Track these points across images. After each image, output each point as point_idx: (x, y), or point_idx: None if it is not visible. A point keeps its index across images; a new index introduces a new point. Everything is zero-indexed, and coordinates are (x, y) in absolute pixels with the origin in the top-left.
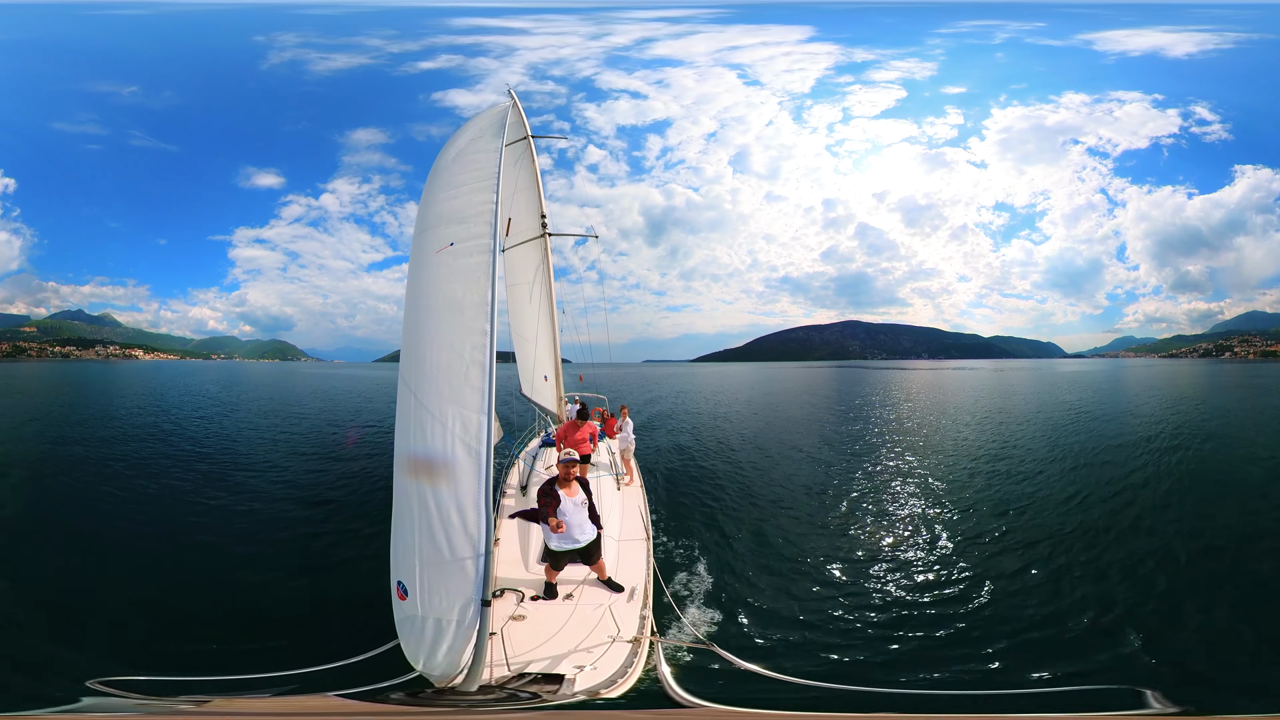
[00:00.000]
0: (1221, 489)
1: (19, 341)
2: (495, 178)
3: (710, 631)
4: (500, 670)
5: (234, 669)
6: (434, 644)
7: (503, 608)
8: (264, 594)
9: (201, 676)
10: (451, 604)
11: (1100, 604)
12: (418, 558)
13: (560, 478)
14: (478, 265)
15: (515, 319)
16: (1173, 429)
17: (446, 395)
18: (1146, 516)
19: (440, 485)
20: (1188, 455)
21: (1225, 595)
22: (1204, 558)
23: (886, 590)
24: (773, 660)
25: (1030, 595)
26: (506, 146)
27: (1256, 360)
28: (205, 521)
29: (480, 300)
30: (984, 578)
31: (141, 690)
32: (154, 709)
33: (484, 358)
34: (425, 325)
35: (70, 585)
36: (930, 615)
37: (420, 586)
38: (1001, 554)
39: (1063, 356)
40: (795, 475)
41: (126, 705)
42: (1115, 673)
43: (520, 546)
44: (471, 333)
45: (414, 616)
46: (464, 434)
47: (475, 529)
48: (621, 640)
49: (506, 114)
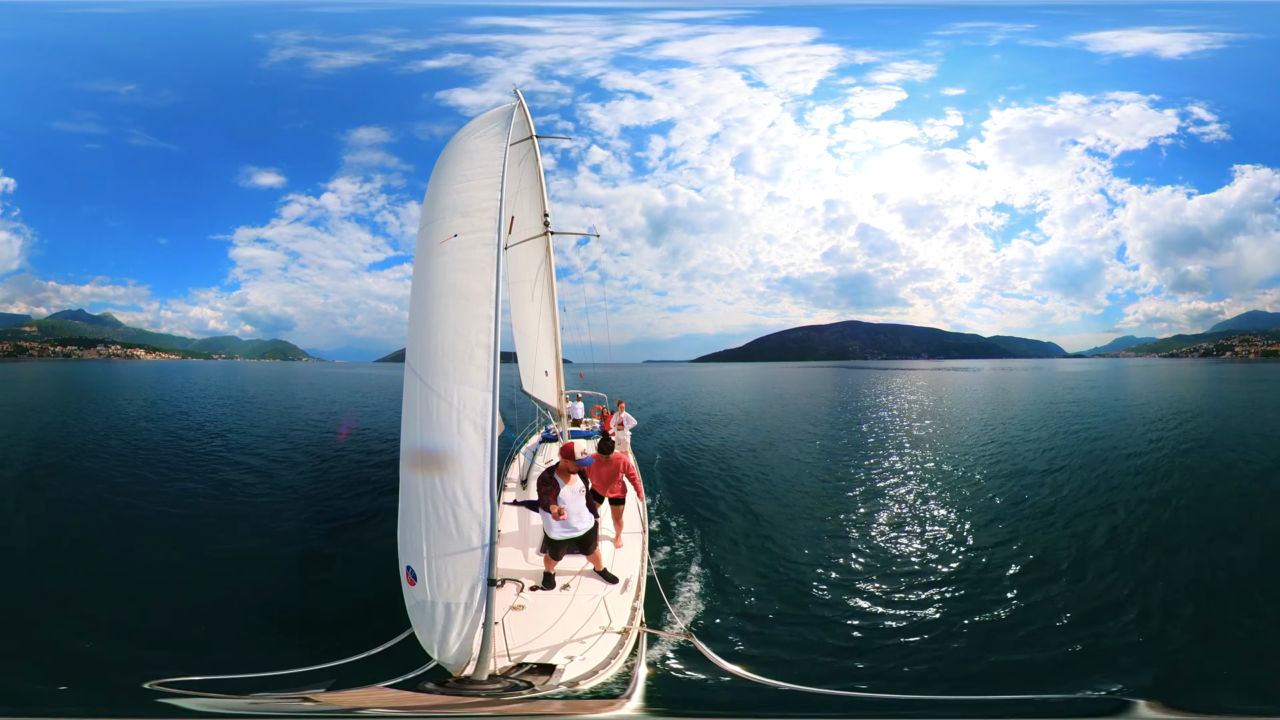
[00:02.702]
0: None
1: (20, 341)
2: (500, 175)
3: (698, 625)
4: (502, 660)
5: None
6: (445, 630)
7: (503, 597)
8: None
9: (250, 674)
10: (460, 586)
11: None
12: (425, 541)
13: (560, 466)
14: (482, 257)
15: (517, 316)
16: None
17: (453, 376)
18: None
19: (447, 469)
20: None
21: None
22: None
23: (879, 595)
24: (758, 659)
25: (1043, 611)
26: (511, 146)
27: (1257, 360)
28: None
29: (485, 288)
30: (977, 586)
31: (198, 689)
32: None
33: (489, 340)
34: (432, 311)
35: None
36: (923, 621)
37: (429, 570)
38: (996, 559)
39: (1063, 356)
40: (795, 477)
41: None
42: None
43: (520, 537)
44: (477, 318)
45: (424, 602)
46: (470, 412)
47: (481, 508)
48: (612, 631)
49: (513, 113)
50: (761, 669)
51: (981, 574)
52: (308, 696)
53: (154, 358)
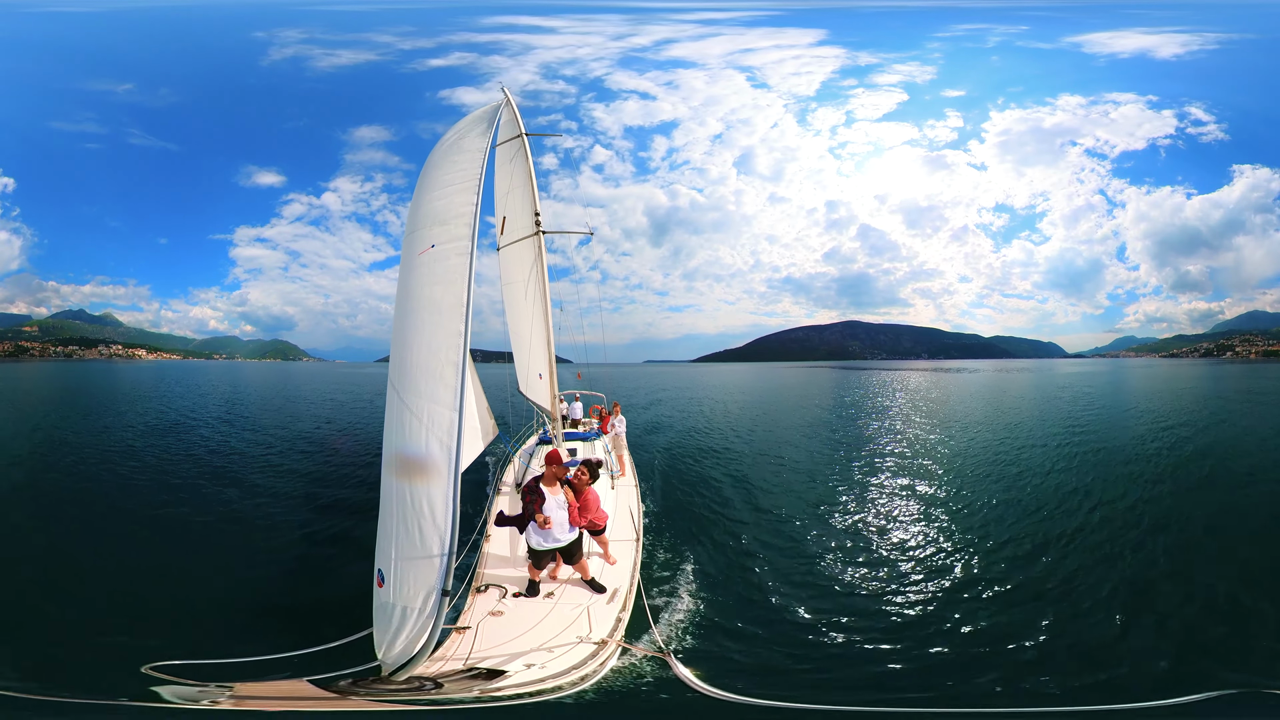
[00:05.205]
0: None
1: (21, 341)
2: (478, 179)
3: (681, 642)
4: (456, 664)
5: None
6: (397, 632)
7: (484, 603)
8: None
9: (243, 659)
10: (417, 592)
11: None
12: (395, 547)
13: (545, 475)
14: (456, 268)
15: (512, 317)
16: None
17: (424, 393)
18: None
19: (418, 481)
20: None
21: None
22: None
23: (868, 614)
24: (742, 675)
25: (1038, 629)
26: (502, 144)
27: (1258, 360)
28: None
29: (456, 302)
30: (971, 602)
31: (195, 675)
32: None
33: (458, 357)
34: (408, 326)
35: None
36: (908, 637)
37: (395, 574)
38: (991, 573)
39: (1064, 356)
40: (795, 479)
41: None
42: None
43: (510, 543)
44: (448, 333)
45: (387, 604)
46: (437, 429)
47: (443, 521)
48: (588, 641)
49: (498, 113)
50: (740, 689)
51: (975, 592)
52: (231, 686)
53: (155, 358)
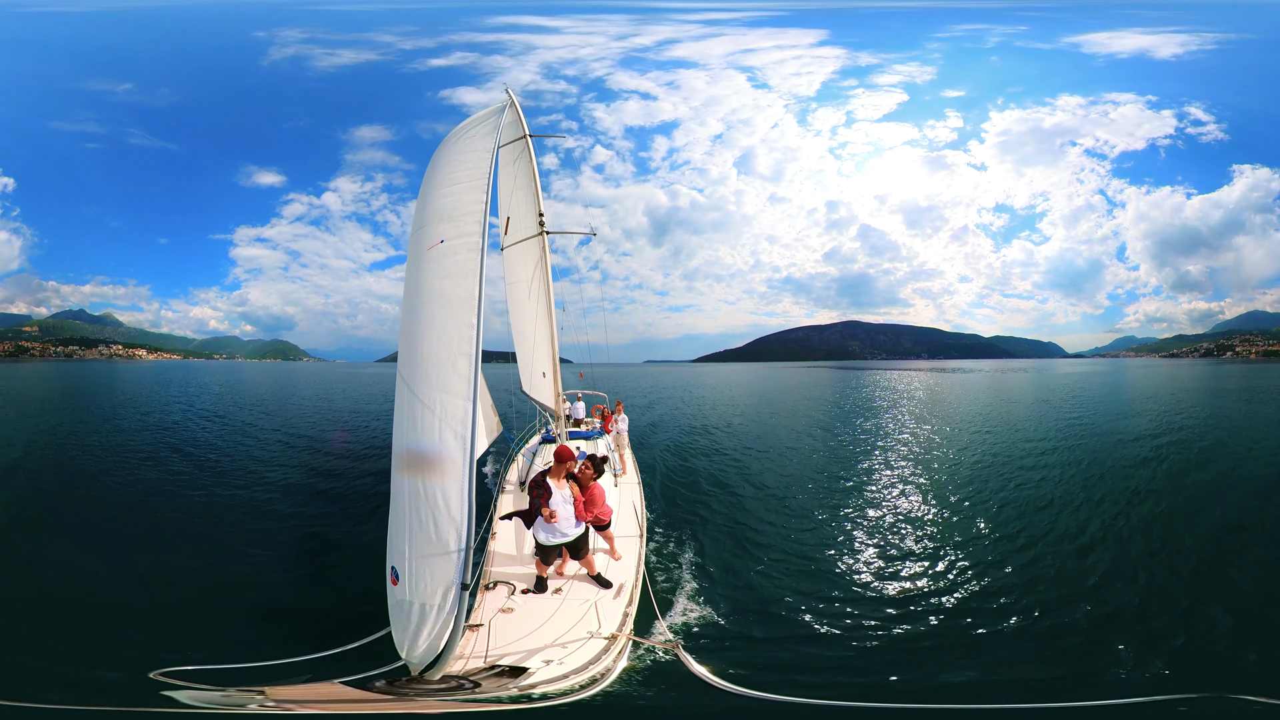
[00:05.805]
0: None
1: (21, 341)
2: (487, 178)
3: (689, 635)
4: (476, 662)
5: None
6: (417, 629)
7: (493, 600)
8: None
9: (255, 663)
10: (435, 588)
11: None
12: (408, 543)
13: (553, 470)
14: (466, 262)
15: (515, 317)
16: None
17: (436, 384)
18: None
19: (431, 476)
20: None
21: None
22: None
23: (872, 609)
24: (747, 671)
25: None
26: (505, 145)
27: (1258, 360)
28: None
29: (468, 295)
30: (975, 603)
31: (201, 679)
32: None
33: (470, 349)
34: (418, 319)
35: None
36: (914, 634)
37: (409, 571)
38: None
39: (1064, 356)
40: (794, 480)
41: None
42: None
43: (516, 540)
44: (460, 325)
45: (403, 601)
46: (451, 420)
47: (459, 514)
48: (599, 637)
49: (503, 113)
50: (750, 683)
51: (987, 599)
52: (264, 691)
53: (156, 358)
